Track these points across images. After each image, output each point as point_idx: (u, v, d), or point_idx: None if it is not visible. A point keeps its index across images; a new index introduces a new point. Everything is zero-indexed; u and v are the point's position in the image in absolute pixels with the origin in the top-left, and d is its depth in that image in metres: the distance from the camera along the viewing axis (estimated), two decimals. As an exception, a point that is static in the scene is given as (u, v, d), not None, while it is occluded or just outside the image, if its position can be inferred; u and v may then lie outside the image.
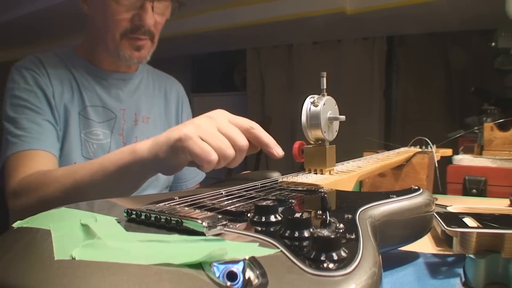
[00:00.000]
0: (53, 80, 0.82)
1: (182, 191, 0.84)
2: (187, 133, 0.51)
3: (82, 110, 0.84)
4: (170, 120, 0.99)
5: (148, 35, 0.83)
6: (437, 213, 0.45)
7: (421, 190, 0.46)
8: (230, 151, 0.52)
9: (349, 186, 0.58)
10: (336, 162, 0.64)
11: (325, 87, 0.59)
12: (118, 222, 0.34)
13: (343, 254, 0.26)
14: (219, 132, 0.52)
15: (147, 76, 0.99)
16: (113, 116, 0.88)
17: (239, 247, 0.28)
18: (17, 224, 0.35)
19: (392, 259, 0.46)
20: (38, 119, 0.78)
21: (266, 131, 0.57)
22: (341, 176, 0.58)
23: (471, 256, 0.39)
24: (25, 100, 0.79)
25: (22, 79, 0.81)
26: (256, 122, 0.57)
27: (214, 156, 0.50)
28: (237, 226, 0.32)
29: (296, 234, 0.29)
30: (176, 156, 0.53)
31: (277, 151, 0.56)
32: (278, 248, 0.27)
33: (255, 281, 0.23)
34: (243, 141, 0.53)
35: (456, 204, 0.62)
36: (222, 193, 0.45)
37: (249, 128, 0.55)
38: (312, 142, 0.61)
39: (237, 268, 0.24)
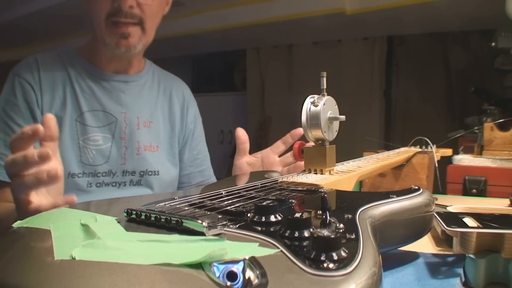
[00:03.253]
0: (44, 87, 0.81)
1: (182, 191, 0.84)
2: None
3: (79, 117, 0.83)
4: (174, 124, 0.97)
5: (132, 18, 0.79)
6: (437, 213, 0.45)
7: (421, 190, 0.46)
8: None
9: (349, 186, 0.58)
10: (336, 162, 0.64)
11: (325, 87, 0.59)
12: (118, 222, 0.34)
13: (343, 254, 0.26)
14: None
15: (153, 78, 0.96)
16: (114, 119, 0.86)
17: (239, 247, 0.28)
18: (17, 224, 0.35)
19: (392, 259, 0.46)
20: None
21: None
22: (341, 176, 0.58)
23: (471, 256, 0.39)
24: (8, 117, 0.79)
25: (11, 89, 0.80)
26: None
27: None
28: (237, 226, 0.32)
29: (296, 234, 0.29)
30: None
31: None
32: (278, 248, 0.27)
33: (255, 281, 0.23)
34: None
35: (456, 204, 0.62)
36: (222, 193, 0.45)
37: None
38: (312, 142, 0.61)
39: (237, 268, 0.24)
